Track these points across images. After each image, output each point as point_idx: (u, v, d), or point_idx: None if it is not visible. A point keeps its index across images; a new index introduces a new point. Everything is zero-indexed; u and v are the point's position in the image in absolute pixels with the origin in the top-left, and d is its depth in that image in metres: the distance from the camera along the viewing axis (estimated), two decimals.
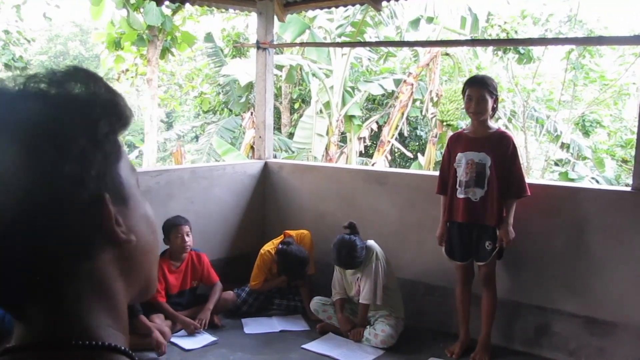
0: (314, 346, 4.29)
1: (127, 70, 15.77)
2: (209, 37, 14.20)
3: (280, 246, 4.83)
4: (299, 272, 4.80)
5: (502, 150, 3.95)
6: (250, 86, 12.20)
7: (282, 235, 4.98)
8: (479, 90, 3.94)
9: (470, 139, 4.05)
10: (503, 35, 13.15)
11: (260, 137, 5.83)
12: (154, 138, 13.83)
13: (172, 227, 4.55)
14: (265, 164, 5.74)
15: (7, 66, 14.16)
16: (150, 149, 13.61)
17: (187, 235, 4.58)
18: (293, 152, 11.78)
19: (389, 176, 5.09)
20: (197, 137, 17.26)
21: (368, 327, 4.40)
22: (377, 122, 12.85)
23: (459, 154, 4.04)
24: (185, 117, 21.05)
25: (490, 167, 3.93)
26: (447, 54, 12.98)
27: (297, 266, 4.76)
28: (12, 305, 0.66)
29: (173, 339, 4.38)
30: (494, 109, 4.02)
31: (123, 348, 0.67)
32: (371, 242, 4.46)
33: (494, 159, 3.93)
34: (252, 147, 11.63)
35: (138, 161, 15.22)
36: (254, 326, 4.72)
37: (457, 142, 4.12)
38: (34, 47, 23.79)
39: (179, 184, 5.14)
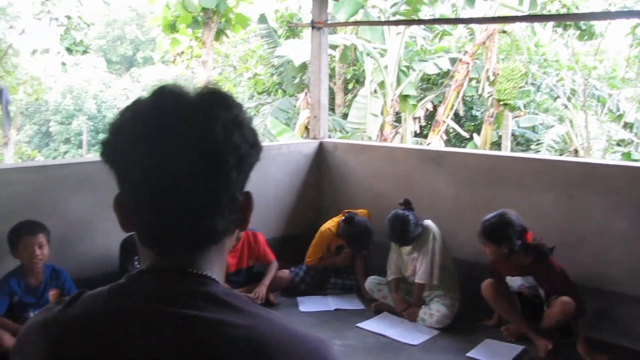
0: (368, 325, 4.31)
1: (183, 52, 15.99)
2: (262, 19, 14.23)
3: (346, 214, 4.84)
4: (364, 242, 4.76)
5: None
6: (304, 67, 12.19)
7: (342, 215, 4.98)
8: (484, 242, 3.90)
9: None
10: (563, 11, 12.74)
11: (315, 117, 5.84)
12: None
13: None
14: (321, 143, 5.75)
15: (69, 50, 14.55)
16: None
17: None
18: (347, 132, 11.75)
19: (445, 156, 5.04)
20: (251, 118, 17.38)
21: (423, 307, 4.38)
22: (432, 102, 12.69)
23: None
24: (239, 98, 21.26)
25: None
26: (504, 32, 12.67)
27: (363, 234, 4.72)
28: (171, 244, 0.91)
29: None
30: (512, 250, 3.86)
31: (213, 278, 0.91)
32: (428, 222, 4.43)
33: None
34: (306, 128, 11.65)
35: None
36: (309, 304, 4.76)
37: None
38: (92, 31, 24.35)
39: None
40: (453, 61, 12.00)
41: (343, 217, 4.84)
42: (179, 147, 0.85)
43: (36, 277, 3.90)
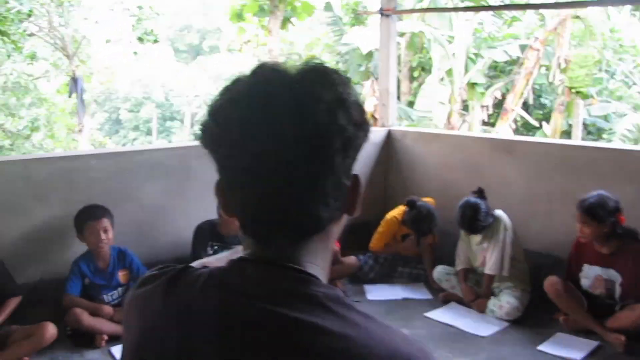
0: (436, 315, 4.28)
1: (249, 41, 16.17)
2: (328, 6, 14.23)
3: (410, 198, 4.82)
4: (426, 226, 4.71)
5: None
6: (370, 55, 12.13)
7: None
8: (584, 221, 3.78)
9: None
10: None
11: (383, 104, 5.81)
12: None
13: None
14: (389, 131, 5.72)
15: (140, 39, 14.93)
16: None
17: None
18: (414, 120, 11.65)
19: (516, 145, 4.93)
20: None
21: (492, 298, 4.32)
22: (500, 90, 12.42)
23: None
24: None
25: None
26: (577, 17, 12.26)
27: (425, 217, 4.68)
28: (273, 234, 0.86)
29: None
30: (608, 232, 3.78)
31: (315, 275, 0.85)
32: (500, 212, 4.35)
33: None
34: (372, 116, 11.61)
35: None
36: (376, 293, 4.76)
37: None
38: (161, 21, 24.86)
39: None
40: (523, 48, 11.71)
41: (409, 197, 4.82)
42: (281, 131, 0.81)
43: (104, 259, 4.03)
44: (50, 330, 3.61)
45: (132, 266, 4.10)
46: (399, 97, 14.36)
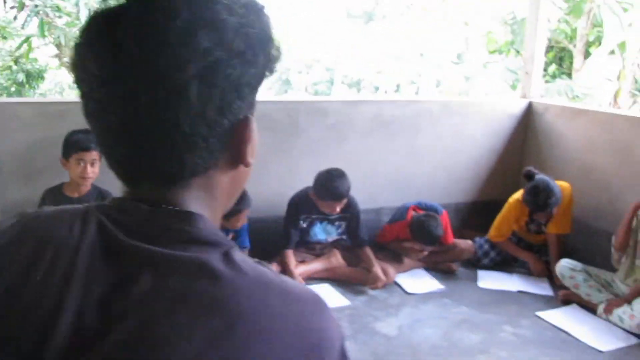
0: (550, 316, 3.69)
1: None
2: None
3: (527, 168, 4.25)
4: (543, 199, 4.01)
5: None
6: None
7: None
8: None
9: None
10: None
11: (527, 72, 5.16)
12: None
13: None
14: (530, 104, 5.08)
15: None
16: None
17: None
18: (578, 97, 10.57)
19: None
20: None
21: (625, 304, 3.64)
22: None
23: None
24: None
25: None
26: None
27: (543, 190, 4.03)
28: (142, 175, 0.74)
29: (398, 280, 4.16)
30: None
31: (193, 213, 0.73)
32: None
33: None
34: None
35: None
36: (489, 281, 4.26)
37: None
38: None
39: (427, 116, 4.79)
40: None
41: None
42: (122, 51, 0.68)
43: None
44: None
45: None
46: (570, 74, 13.18)
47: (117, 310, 0.65)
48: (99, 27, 0.71)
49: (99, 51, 0.70)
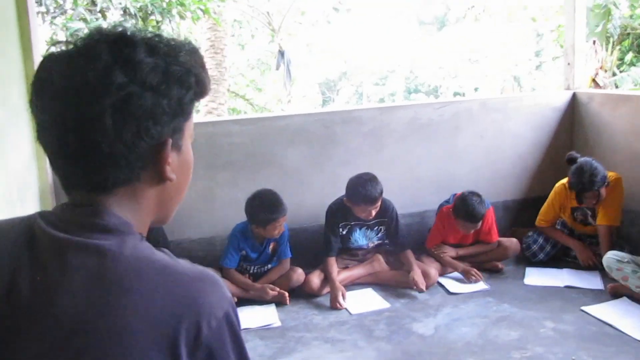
0: (596, 310, 3.58)
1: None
2: None
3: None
4: (588, 178, 3.92)
5: None
6: (608, 12, 10.92)
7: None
8: None
9: None
10: None
11: (569, 63, 5.04)
12: None
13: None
14: (574, 95, 4.96)
15: (335, 9, 14.89)
16: None
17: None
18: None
19: None
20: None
21: None
22: None
23: None
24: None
25: None
26: None
27: (586, 171, 3.93)
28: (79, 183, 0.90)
29: (442, 280, 4.15)
30: None
31: (111, 212, 0.89)
32: None
33: None
34: (593, 80, 10.43)
35: None
36: (537, 277, 4.18)
37: None
38: None
39: (467, 116, 4.76)
40: None
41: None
42: (58, 84, 0.85)
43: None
44: None
45: (282, 234, 4.05)
46: None
47: (34, 281, 0.85)
48: (43, 66, 0.89)
49: (41, 86, 0.88)
